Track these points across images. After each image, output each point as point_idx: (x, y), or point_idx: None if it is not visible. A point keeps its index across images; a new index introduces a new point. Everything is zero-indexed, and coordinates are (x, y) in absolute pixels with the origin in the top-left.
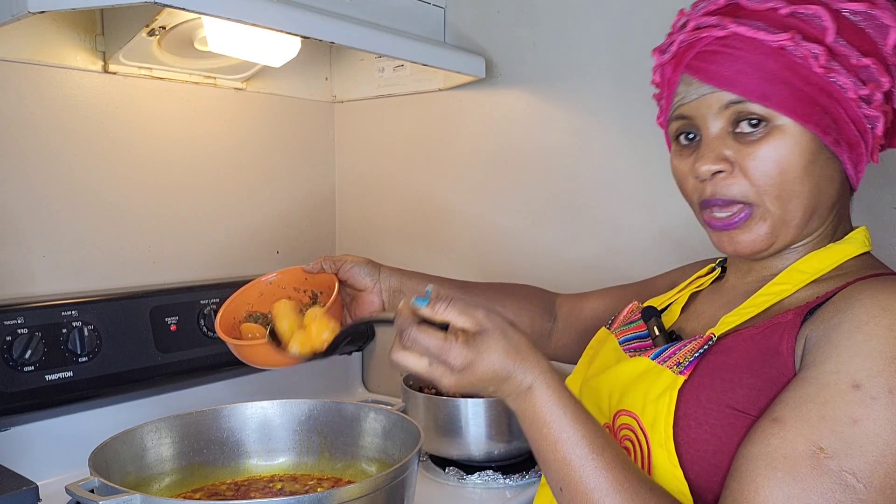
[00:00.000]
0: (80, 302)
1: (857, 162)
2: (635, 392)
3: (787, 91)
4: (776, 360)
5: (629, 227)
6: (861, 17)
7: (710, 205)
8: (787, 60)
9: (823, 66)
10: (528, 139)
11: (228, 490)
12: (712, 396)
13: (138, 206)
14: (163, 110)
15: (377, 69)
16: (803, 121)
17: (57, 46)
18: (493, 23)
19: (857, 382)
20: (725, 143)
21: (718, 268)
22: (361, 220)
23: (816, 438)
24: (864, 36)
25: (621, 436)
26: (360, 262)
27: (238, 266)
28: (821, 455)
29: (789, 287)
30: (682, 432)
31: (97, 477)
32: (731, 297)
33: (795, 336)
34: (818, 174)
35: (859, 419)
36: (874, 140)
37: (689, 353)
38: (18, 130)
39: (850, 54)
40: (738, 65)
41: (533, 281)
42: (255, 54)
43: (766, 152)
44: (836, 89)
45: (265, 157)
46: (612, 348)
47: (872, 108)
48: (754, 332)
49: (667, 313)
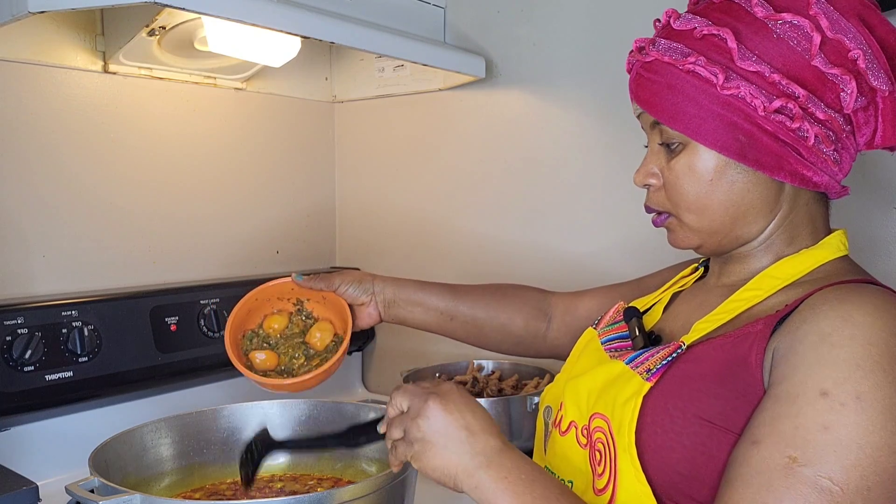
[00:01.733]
0: (80, 302)
1: (796, 172)
2: (607, 395)
3: (694, 112)
4: (744, 372)
5: (630, 226)
6: (787, 28)
7: (646, 209)
8: (695, 82)
9: (723, 86)
10: (527, 139)
11: (228, 490)
12: (679, 405)
13: (138, 206)
14: (163, 110)
15: (377, 69)
16: (706, 141)
17: (57, 46)
18: (493, 23)
19: (824, 391)
20: (658, 158)
21: (701, 267)
22: (361, 219)
23: (790, 450)
24: (783, 48)
25: (595, 438)
26: (353, 280)
27: (238, 266)
28: (794, 464)
29: (760, 293)
30: (648, 439)
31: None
32: (705, 298)
33: (764, 348)
34: (726, 188)
35: (830, 426)
36: (811, 150)
37: (658, 360)
38: (18, 130)
39: (761, 70)
40: (655, 88)
41: (533, 280)
42: (255, 54)
43: (678, 168)
44: (743, 106)
45: (265, 156)
46: (595, 348)
47: (796, 121)
48: (724, 341)
49: (650, 313)
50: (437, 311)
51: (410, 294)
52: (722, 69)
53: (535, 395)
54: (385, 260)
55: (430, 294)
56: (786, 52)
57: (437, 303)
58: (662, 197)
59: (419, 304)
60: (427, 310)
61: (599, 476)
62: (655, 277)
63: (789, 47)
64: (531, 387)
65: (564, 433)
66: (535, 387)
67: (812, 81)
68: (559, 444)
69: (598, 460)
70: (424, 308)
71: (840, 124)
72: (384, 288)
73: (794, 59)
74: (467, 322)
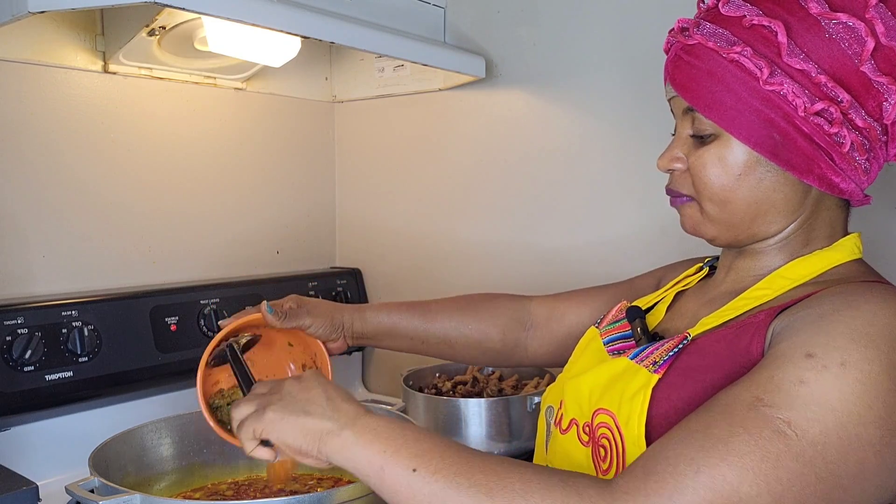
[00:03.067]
0: (80, 302)
1: (824, 177)
2: (613, 391)
3: (732, 103)
4: (745, 360)
5: (630, 226)
6: (840, 29)
7: (667, 191)
8: (738, 73)
9: (767, 81)
10: (528, 139)
11: (228, 490)
12: (683, 396)
13: (138, 206)
14: (163, 110)
15: (377, 69)
16: (740, 135)
17: (57, 46)
18: (493, 23)
19: (810, 353)
20: (685, 144)
21: (707, 267)
22: (361, 219)
23: (759, 392)
24: (834, 49)
25: (599, 434)
26: (322, 321)
27: (238, 266)
28: (758, 403)
29: (770, 293)
30: (654, 430)
31: (97, 477)
32: (713, 295)
33: (765, 333)
34: (754, 185)
35: (807, 381)
36: (844, 157)
37: (664, 353)
38: (18, 130)
39: (807, 69)
40: (694, 73)
41: (533, 279)
42: (255, 54)
43: (707, 158)
44: (783, 105)
45: (265, 157)
46: (596, 348)
47: (834, 126)
48: (727, 332)
49: (653, 312)
50: (408, 338)
51: (379, 324)
52: (767, 63)
53: (535, 395)
54: (385, 260)
55: (399, 320)
56: (835, 54)
57: (406, 329)
58: (688, 181)
59: (388, 334)
60: (396, 337)
61: (605, 472)
62: (650, 277)
63: (840, 49)
64: (531, 387)
65: (565, 431)
66: (535, 387)
67: (857, 87)
68: (560, 443)
69: (603, 456)
70: (393, 337)
71: (877, 134)
72: (353, 322)
73: (843, 61)
74: (440, 343)
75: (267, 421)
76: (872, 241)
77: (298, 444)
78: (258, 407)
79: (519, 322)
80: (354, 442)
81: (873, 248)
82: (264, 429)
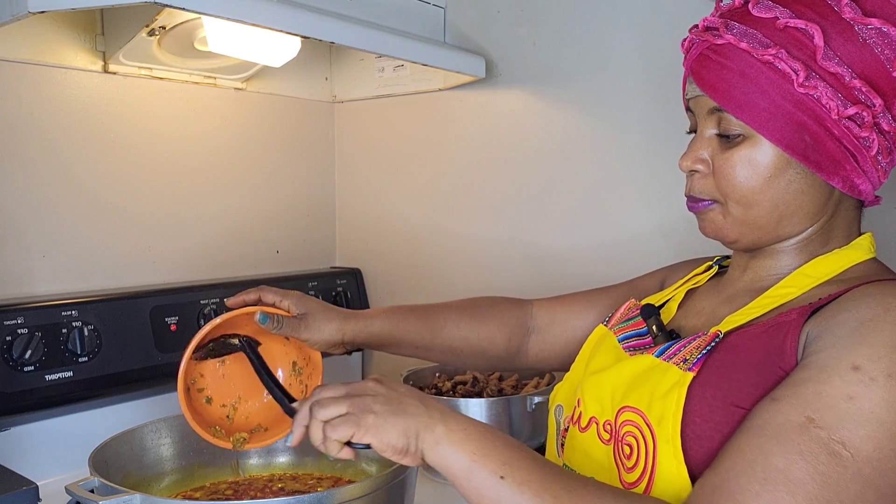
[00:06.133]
0: (80, 302)
1: (848, 178)
2: (641, 389)
3: (764, 105)
4: (780, 360)
5: (630, 226)
6: (873, 34)
7: (687, 197)
8: (771, 75)
9: (802, 84)
10: (528, 139)
11: (228, 490)
12: (717, 394)
13: (138, 206)
14: (163, 110)
15: (377, 69)
16: (772, 137)
17: (57, 46)
18: (493, 23)
19: (856, 365)
20: (709, 144)
21: (716, 266)
22: (361, 219)
23: (810, 412)
24: (867, 54)
25: (624, 431)
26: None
27: (238, 266)
28: (811, 425)
29: (794, 290)
30: (687, 428)
31: (97, 477)
32: (732, 293)
33: (798, 334)
34: (783, 187)
35: (855, 396)
36: (869, 160)
37: (695, 350)
38: (18, 130)
39: (841, 73)
40: (725, 73)
41: (533, 278)
42: (255, 54)
43: (735, 160)
44: (816, 108)
45: (265, 156)
46: (611, 346)
47: (865, 129)
48: (759, 329)
49: (664, 310)
50: (413, 346)
51: (383, 334)
52: (802, 66)
53: (535, 395)
54: (385, 259)
55: (404, 330)
56: (868, 58)
57: (413, 339)
58: (710, 185)
59: (392, 343)
60: (401, 346)
61: (629, 470)
62: (653, 277)
63: (873, 54)
64: (531, 387)
65: (584, 430)
66: (535, 387)
67: (888, 92)
68: (578, 441)
69: (628, 454)
70: (398, 345)
71: None
72: (355, 336)
73: (876, 66)
74: (445, 351)
75: (368, 425)
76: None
77: (402, 444)
78: (352, 410)
79: (523, 327)
80: (447, 439)
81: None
82: (365, 433)
